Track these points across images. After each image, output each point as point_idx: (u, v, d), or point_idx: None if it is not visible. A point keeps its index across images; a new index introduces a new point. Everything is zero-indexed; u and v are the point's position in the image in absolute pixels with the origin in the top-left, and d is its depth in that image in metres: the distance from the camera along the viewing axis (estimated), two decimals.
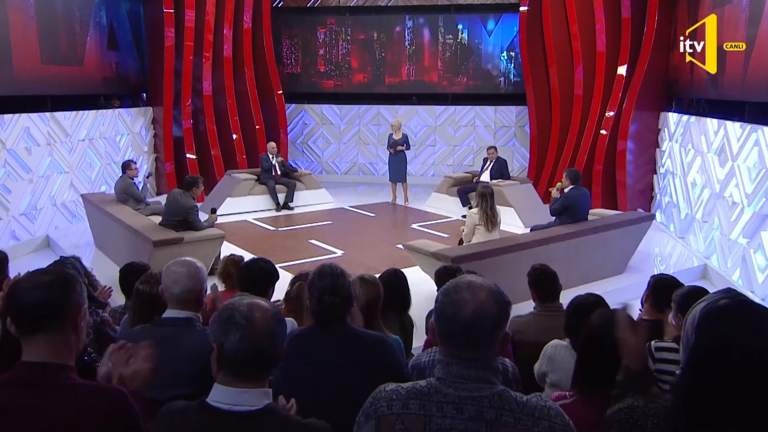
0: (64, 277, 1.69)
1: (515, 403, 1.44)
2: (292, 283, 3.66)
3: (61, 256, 3.63)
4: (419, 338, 3.93)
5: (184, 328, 2.32)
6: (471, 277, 1.52)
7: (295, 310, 3.40)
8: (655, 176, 10.07)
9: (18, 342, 1.90)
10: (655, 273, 7.59)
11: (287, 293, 3.60)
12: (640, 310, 3.42)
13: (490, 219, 6.39)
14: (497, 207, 6.58)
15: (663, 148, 9.78)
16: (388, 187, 12.14)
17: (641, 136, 9.97)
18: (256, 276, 3.09)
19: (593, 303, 2.79)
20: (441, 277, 3.83)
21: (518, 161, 12.79)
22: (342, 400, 2.07)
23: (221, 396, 1.55)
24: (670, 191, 9.38)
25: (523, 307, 4.14)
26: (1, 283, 3.23)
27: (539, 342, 3.16)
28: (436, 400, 1.45)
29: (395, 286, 3.78)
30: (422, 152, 13.33)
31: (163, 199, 8.99)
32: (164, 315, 2.36)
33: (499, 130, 13.04)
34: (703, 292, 2.99)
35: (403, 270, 3.94)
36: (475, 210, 6.47)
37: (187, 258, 2.50)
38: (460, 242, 6.85)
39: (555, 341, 2.98)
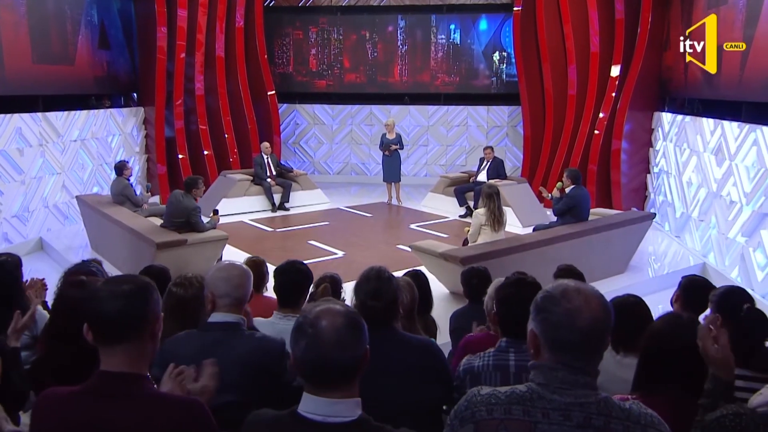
0: (143, 285, 1.66)
1: (620, 410, 1.43)
2: (317, 284, 3.62)
3: (83, 260, 3.54)
4: (440, 339, 3.92)
5: (232, 333, 2.27)
6: (573, 282, 1.50)
7: None
8: (648, 175, 10.17)
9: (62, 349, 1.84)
10: (653, 272, 7.76)
11: (311, 294, 3.56)
12: (670, 312, 3.42)
13: (497, 219, 6.40)
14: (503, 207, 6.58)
15: (657, 148, 9.88)
16: (381, 187, 12.13)
17: (635, 136, 10.06)
18: (293, 279, 3.04)
19: (634, 304, 2.78)
20: (468, 279, 3.81)
21: (511, 161, 12.82)
22: (387, 404, 2.05)
23: (312, 407, 1.50)
24: (665, 190, 9.47)
25: None
26: (20, 290, 3.13)
27: None
28: (540, 406, 1.43)
29: (417, 287, 3.77)
30: (415, 152, 13.32)
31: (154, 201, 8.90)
32: (211, 319, 2.31)
33: (491, 130, 13.07)
34: (740, 291, 3.01)
35: (405, 270, 3.91)
36: (481, 210, 6.46)
37: (233, 261, 2.47)
38: (464, 242, 6.85)
39: None
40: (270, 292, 3.89)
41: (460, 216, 9.96)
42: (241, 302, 2.33)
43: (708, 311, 2.97)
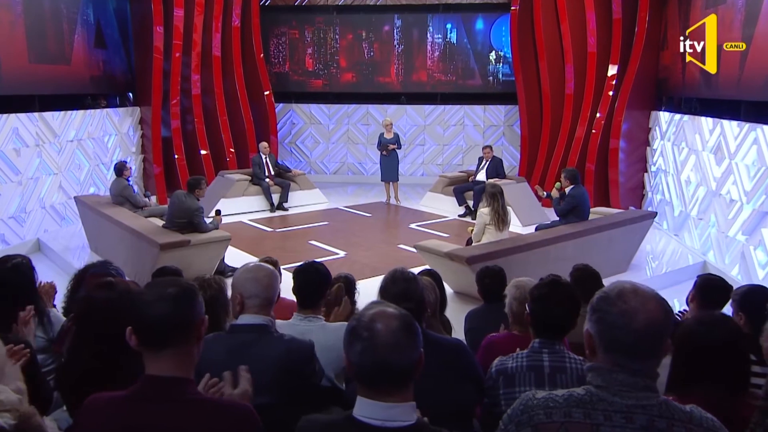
0: (188, 288, 1.65)
1: (682, 413, 1.43)
2: (331, 285, 3.60)
3: (105, 260, 3.50)
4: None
5: (261, 334, 2.26)
6: (630, 284, 1.49)
7: (327, 312, 3.35)
8: (645, 174, 10.21)
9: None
10: (654, 271, 7.80)
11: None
12: (685, 311, 3.44)
13: (502, 218, 6.41)
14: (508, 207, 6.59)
15: (654, 147, 9.92)
16: (378, 186, 12.12)
17: (632, 135, 10.10)
18: (313, 280, 3.01)
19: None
20: (482, 278, 3.81)
21: (507, 161, 12.81)
22: (427, 406, 1.96)
23: (368, 411, 1.48)
24: (662, 189, 9.52)
25: None
26: (35, 291, 3.09)
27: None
28: (601, 408, 1.42)
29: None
30: (411, 152, 13.31)
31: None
32: (239, 321, 2.29)
33: (488, 129, 13.09)
34: (762, 289, 3.03)
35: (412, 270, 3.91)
36: (486, 210, 6.46)
37: (260, 263, 2.46)
38: (468, 242, 6.85)
39: None
40: (284, 293, 3.87)
41: (459, 215, 9.97)
42: (270, 303, 2.32)
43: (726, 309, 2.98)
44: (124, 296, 2.11)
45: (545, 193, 7.63)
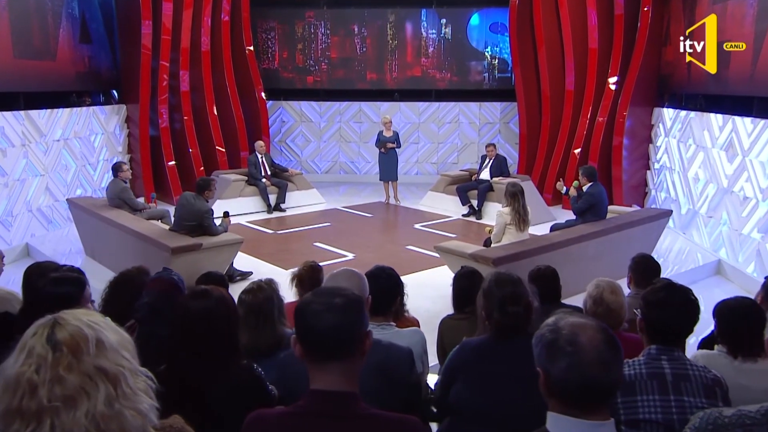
0: (355, 299, 1.61)
1: None
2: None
3: (164, 267, 3.33)
4: None
5: None
6: None
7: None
8: (648, 172, 10.15)
9: None
10: (671, 270, 7.69)
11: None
12: None
13: (523, 218, 6.22)
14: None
15: (658, 144, 9.85)
16: (371, 186, 11.89)
17: (634, 132, 10.01)
18: (385, 286, 2.83)
19: (749, 306, 2.67)
20: (535, 279, 3.63)
21: None
22: (539, 414, 1.95)
23: (570, 429, 1.41)
24: (667, 186, 9.45)
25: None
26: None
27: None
28: None
29: (473, 285, 3.60)
30: (405, 150, 13.03)
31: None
32: None
33: (483, 126, 12.92)
34: None
35: (419, 272, 3.73)
36: (506, 210, 6.27)
37: (350, 268, 2.44)
38: (485, 243, 6.65)
39: (704, 352, 2.81)
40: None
41: (463, 215, 9.76)
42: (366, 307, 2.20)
43: None
44: (221, 304, 2.14)
45: (565, 188, 7.47)
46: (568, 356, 1.39)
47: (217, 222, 6.41)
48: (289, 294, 3.48)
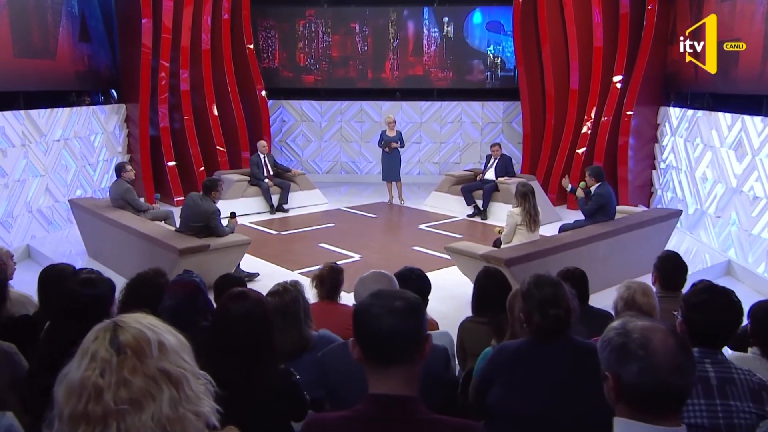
0: (415, 302, 1.57)
1: None
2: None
3: (184, 270, 3.26)
4: None
5: None
6: None
7: None
8: (654, 172, 10.08)
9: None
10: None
11: None
12: None
13: (533, 219, 6.15)
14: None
15: (664, 143, 9.79)
16: (373, 186, 11.80)
17: (640, 131, 9.95)
18: (416, 287, 2.77)
19: None
20: (563, 281, 3.56)
21: None
22: (580, 418, 2.02)
23: None
24: (674, 186, 9.39)
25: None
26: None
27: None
28: None
29: (494, 286, 3.55)
30: (407, 149, 12.89)
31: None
32: None
33: (486, 126, 12.84)
34: None
35: (427, 273, 3.63)
36: (516, 210, 6.19)
37: (379, 270, 2.48)
38: (495, 243, 6.57)
39: (738, 354, 2.75)
40: (344, 299, 3.64)
41: (468, 216, 9.67)
42: None
43: None
44: (258, 306, 2.16)
45: (570, 186, 7.40)
46: (641, 360, 1.36)
47: (224, 223, 6.31)
48: (309, 295, 3.40)
